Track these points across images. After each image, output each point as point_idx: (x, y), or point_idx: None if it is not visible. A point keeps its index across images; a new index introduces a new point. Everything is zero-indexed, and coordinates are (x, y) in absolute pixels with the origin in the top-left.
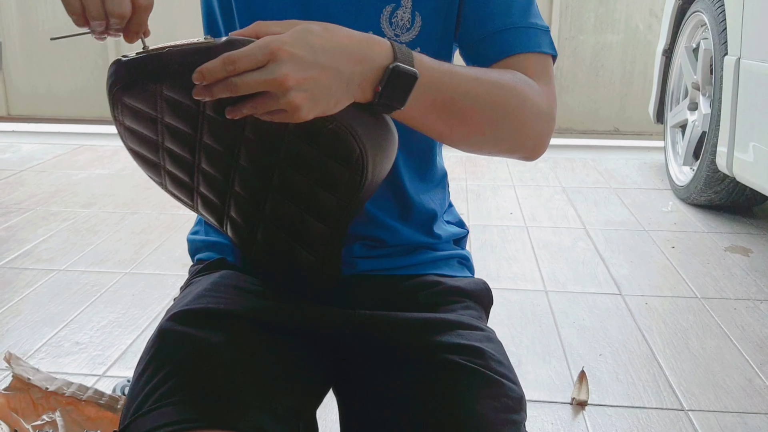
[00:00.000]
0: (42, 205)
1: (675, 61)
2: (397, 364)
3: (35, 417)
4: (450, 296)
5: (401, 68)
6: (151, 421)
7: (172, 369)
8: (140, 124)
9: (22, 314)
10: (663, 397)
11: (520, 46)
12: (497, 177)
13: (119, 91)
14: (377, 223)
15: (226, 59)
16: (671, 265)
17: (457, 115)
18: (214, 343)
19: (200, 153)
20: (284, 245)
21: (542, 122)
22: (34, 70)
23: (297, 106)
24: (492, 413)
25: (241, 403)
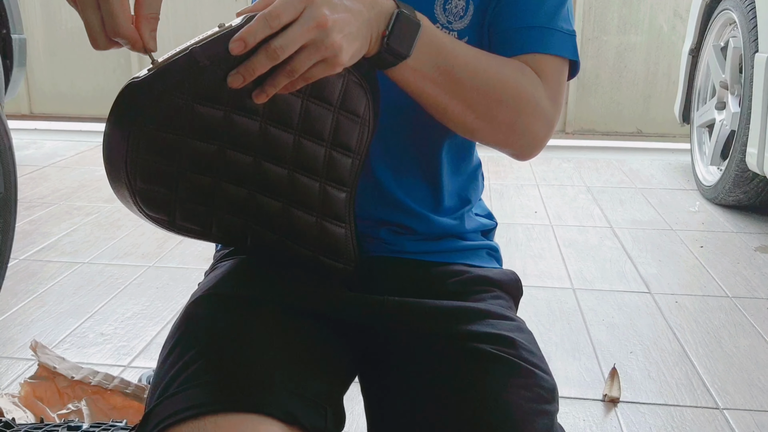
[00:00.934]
0: (65, 199)
1: (702, 60)
2: (424, 352)
3: (61, 406)
4: (479, 285)
5: (405, 14)
6: (177, 404)
7: (198, 352)
8: (157, 152)
9: (47, 305)
10: (697, 396)
11: (540, 46)
12: (520, 176)
13: (134, 118)
14: (408, 211)
15: (268, 15)
16: (700, 264)
17: (454, 86)
18: (240, 326)
19: (220, 163)
20: (314, 225)
21: (540, 123)
22: (57, 68)
23: (338, 47)
24: (524, 403)
25: (269, 387)
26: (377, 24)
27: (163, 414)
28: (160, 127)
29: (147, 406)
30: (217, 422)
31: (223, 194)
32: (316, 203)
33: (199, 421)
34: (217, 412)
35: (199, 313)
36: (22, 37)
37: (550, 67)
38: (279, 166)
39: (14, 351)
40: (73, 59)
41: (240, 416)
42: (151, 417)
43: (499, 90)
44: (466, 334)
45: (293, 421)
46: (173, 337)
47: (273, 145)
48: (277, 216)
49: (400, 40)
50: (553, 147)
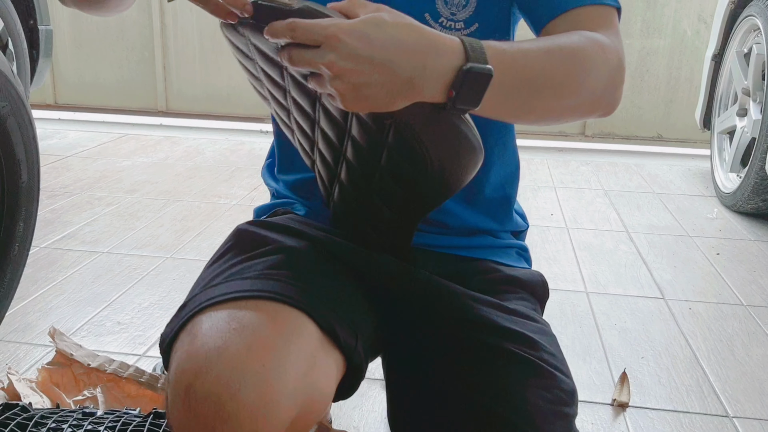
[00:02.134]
0: (87, 190)
1: (725, 66)
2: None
3: (77, 392)
4: (506, 285)
5: (476, 69)
6: (220, 291)
7: (247, 257)
8: (244, 60)
9: (65, 293)
10: (707, 403)
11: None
12: (537, 179)
13: (222, 26)
14: (443, 208)
15: (291, 24)
16: (716, 271)
17: (534, 93)
18: (289, 246)
19: (290, 102)
20: (356, 212)
21: (615, 76)
22: (82, 60)
23: (341, 95)
24: (544, 404)
25: (311, 294)
26: (431, 81)
27: (201, 299)
28: (237, 42)
29: (189, 296)
30: (258, 305)
31: (296, 124)
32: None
33: (241, 302)
34: (259, 298)
35: (252, 230)
36: (49, 28)
37: (600, 17)
38: (331, 145)
39: (33, 337)
40: (99, 51)
41: (281, 306)
42: (189, 303)
43: (577, 73)
44: (491, 325)
45: (329, 328)
46: (222, 248)
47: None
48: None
49: (469, 97)
50: (572, 150)
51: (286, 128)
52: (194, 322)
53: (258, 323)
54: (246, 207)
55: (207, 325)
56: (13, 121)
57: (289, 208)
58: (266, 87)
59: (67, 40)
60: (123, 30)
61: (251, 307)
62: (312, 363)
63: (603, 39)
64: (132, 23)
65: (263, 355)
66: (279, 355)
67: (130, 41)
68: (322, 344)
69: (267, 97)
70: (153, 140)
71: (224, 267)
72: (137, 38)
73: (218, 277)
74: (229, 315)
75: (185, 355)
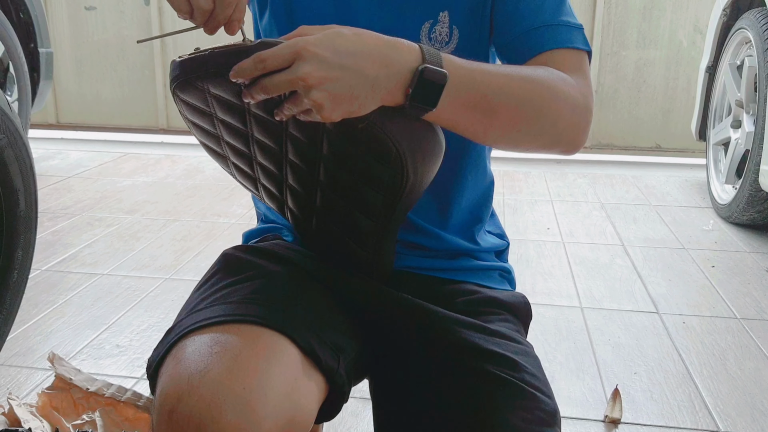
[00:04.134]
0: (87, 210)
1: (718, 78)
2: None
3: (75, 416)
4: (488, 306)
5: (430, 69)
6: (204, 315)
7: (232, 282)
8: (199, 118)
9: (66, 316)
10: (698, 418)
11: (552, 42)
12: (535, 192)
13: (176, 88)
14: (418, 229)
15: (257, 58)
16: (710, 284)
17: (491, 112)
18: (274, 271)
19: (254, 147)
20: (337, 238)
21: (578, 115)
22: (83, 79)
23: (319, 105)
24: (525, 425)
25: (293, 318)
26: (392, 81)
27: (186, 324)
28: (193, 98)
29: (174, 323)
30: (240, 329)
31: (262, 172)
32: (343, 219)
33: (223, 326)
34: (242, 322)
35: (237, 255)
36: (49, 50)
37: (570, 60)
38: (306, 167)
39: (34, 361)
40: (100, 70)
41: (263, 329)
42: (175, 328)
43: (536, 100)
44: (473, 348)
45: (310, 352)
46: (208, 273)
47: (299, 152)
48: (307, 212)
49: (425, 96)
50: (569, 161)
51: (248, 180)
52: (178, 347)
53: (240, 347)
54: (245, 226)
55: (190, 349)
56: (11, 152)
57: (278, 233)
58: (224, 141)
59: (68, 60)
60: (123, 49)
61: (233, 331)
62: (294, 385)
63: (569, 79)
64: (132, 43)
65: (245, 377)
66: (260, 378)
67: (131, 60)
68: (303, 366)
69: (225, 153)
70: (153, 159)
71: (210, 291)
72: (137, 57)
73: (204, 301)
74: (211, 339)
75: (169, 378)
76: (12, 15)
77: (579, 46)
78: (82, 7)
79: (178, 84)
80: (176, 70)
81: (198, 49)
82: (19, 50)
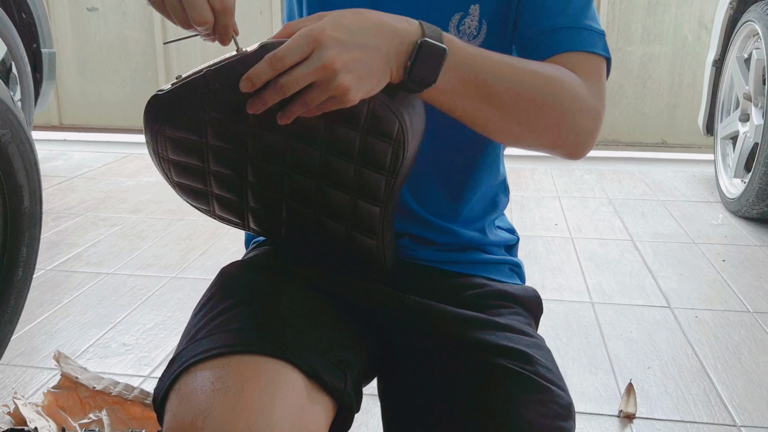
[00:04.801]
0: (91, 210)
1: (726, 72)
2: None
3: (82, 415)
4: (499, 300)
5: (429, 42)
6: (204, 345)
7: (230, 305)
8: (184, 154)
9: (71, 315)
10: (714, 412)
11: (571, 44)
12: (542, 188)
13: (160, 126)
14: (427, 224)
15: (272, 58)
16: (722, 278)
17: (491, 99)
18: (272, 288)
19: (247, 169)
20: (343, 237)
21: (586, 118)
22: (86, 80)
23: (346, 89)
24: (539, 419)
25: (294, 341)
26: (399, 55)
27: (187, 355)
28: (182, 131)
29: (176, 351)
30: (241, 361)
31: (254, 195)
32: (347, 215)
33: (223, 359)
34: (242, 352)
35: (235, 274)
36: (52, 51)
37: (586, 64)
38: (307, 177)
39: (39, 360)
40: (102, 71)
41: (265, 359)
42: (177, 359)
43: (539, 94)
44: (485, 344)
45: (314, 375)
46: (207, 294)
47: (299, 159)
48: (308, 223)
49: (424, 69)
50: None
51: (231, 211)
52: (181, 382)
53: (242, 382)
54: None
55: (192, 387)
56: (15, 147)
57: None
58: (211, 172)
59: (71, 61)
60: (126, 50)
61: (234, 365)
62: (300, 414)
63: (580, 81)
64: (134, 44)
65: (249, 414)
66: (265, 413)
67: (133, 61)
68: (308, 392)
69: (207, 187)
70: None
71: (209, 316)
72: (140, 58)
73: (203, 329)
74: (213, 375)
75: (173, 418)
76: (14, 15)
77: (599, 51)
78: (85, 8)
79: (165, 118)
80: (160, 105)
81: (180, 77)
82: (22, 51)
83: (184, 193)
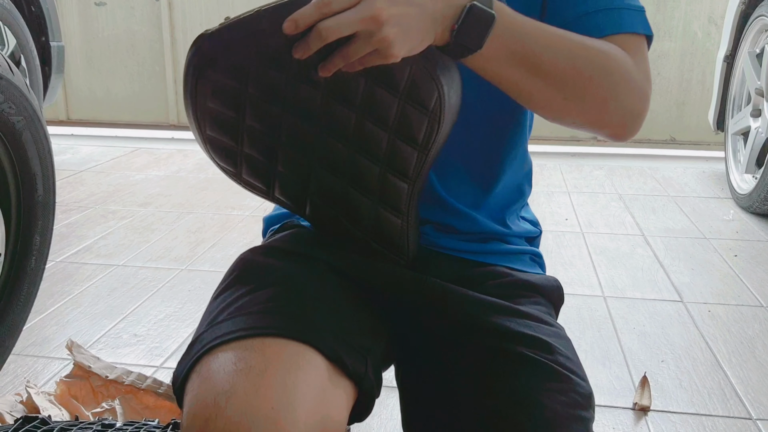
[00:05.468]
0: (101, 203)
1: (737, 67)
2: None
3: (95, 404)
4: (520, 289)
5: (478, 7)
6: (226, 328)
7: (250, 289)
8: (221, 103)
9: (82, 306)
10: (730, 406)
11: (611, 26)
12: (551, 183)
13: (204, 67)
14: (452, 210)
15: (320, 2)
16: (734, 273)
17: (537, 69)
18: (293, 273)
19: (281, 127)
20: (368, 211)
21: (634, 97)
22: (94, 75)
23: (390, 42)
24: (560, 408)
25: (316, 325)
26: (445, 17)
27: (209, 338)
28: (226, 75)
29: (194, 337)
30: (264, 343)
31: (285, 158)
32: (375, 188)
33: (246, 341)
34: (264, 335)
35: (255, 258)
36: (60, 44)
37: (628, 44)
38: (340, 142)
39: (50, 350)
40: (110, 66)
41: (288, 341)
42: (197, 342)
43: (587, 67)
44: (505, 331)
45: (336, 359)
46: (227, 278)
47: (334, 120)
48: (335, 191)
49: (470, 34)
50: (585, 154)
51: (258, 175)
52: (202, 363)
53: (264, 363)
54: (258, 218)
55: (215, 367)
56: (29, 135)
57: (297, 220)
58: (245, 127)
59: (78, 56)
60: (133, 45)
61: (257, 346)
62: (322, 396)
63: (629, 60)
64: (142, 38)
65: (271, 395)
66: (287, 394)
67: (141, 56)
68: (330, 375)
69: (239, 144)
70: (165, 153)
71: (229, 300)
72: (148, 53)
73: (224, 312)
74: (235, 356)
75: (195, 398)
76: (24, 9)
77: (639, 30)
78: (92, 3)
79: (210, 59)
80: (208, 44)
81: (228, 18)
82: (31, 44)
83: (215, 150)
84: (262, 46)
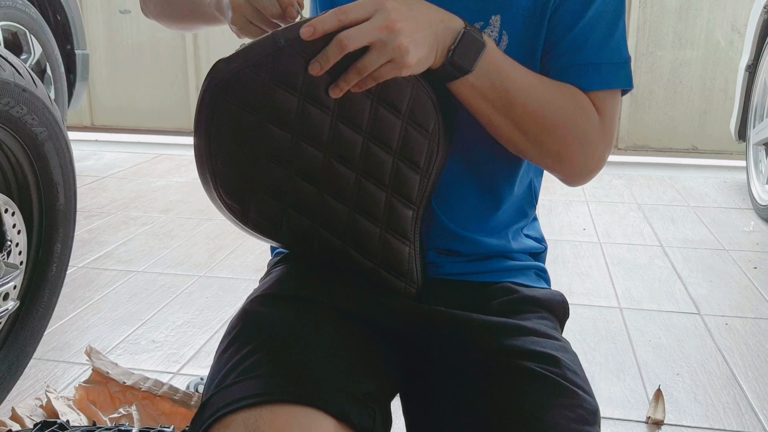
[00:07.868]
0: (122, 209)
1: (759, 77)
2: (467, 367)
3: (112, 410)
4: (525, 305)
5: (471, 33)
6: (234, 394)
7: (255, 347)
8: (238, 124)
9: (102, 312)
10: (744, 421)
11: (588, 83)
12: (570, 192)
13: (221, 90)
14: (454, 236)
15: (338, 10)
16: (753, 285)
17: (508, 108)
18: (296, 325)
19: (293, 156)
20: (374, 240)
21: (588, 156)
22: (118, 83)
23: (405, 49)
24: (566, 423)
25: (322, 384)
26: (444, 38)
27: (219, 404)
28: (241, 105)
29: (203, 398)
30: (273, 412)
31: (294, 189)
32: (382, 215)
33: (255, 410)
34: (272, 402)
35: (257, 310)
36: (85, 52)
37: (600, 101)
38: (347, 167)
39: (70, 355)
40: (133, 74)
41: (296, 408)
42: (207, 407)
43: (550, 118)
44: (511, 350)
45: (345, 419)
46: (231, 333)
47: (342, 144)
48: (343, 221)
49: (464, 55)
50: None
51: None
52: None
53: None
54: None
55: None
56: (51, 145)
57: None
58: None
59: (103, 64)
60: (157, 53)
61: (266, 416)
62: None
63: (594, 120)
64: (165, 46)
65: None
66: None
67: (164, 64)
68: None
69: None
70: (187, 160)
71: (236, 360)
72: (171, 61)
73: (231, 373)
74: (245, 427)
75: None
76: (49, 17)
77: (616, 86)
78: (117, 11)
79: (227, 81)
80: (225, 67)
81: (243, 45)
82: (56, 52)
83: (224, 186)
84: (274, 65)
